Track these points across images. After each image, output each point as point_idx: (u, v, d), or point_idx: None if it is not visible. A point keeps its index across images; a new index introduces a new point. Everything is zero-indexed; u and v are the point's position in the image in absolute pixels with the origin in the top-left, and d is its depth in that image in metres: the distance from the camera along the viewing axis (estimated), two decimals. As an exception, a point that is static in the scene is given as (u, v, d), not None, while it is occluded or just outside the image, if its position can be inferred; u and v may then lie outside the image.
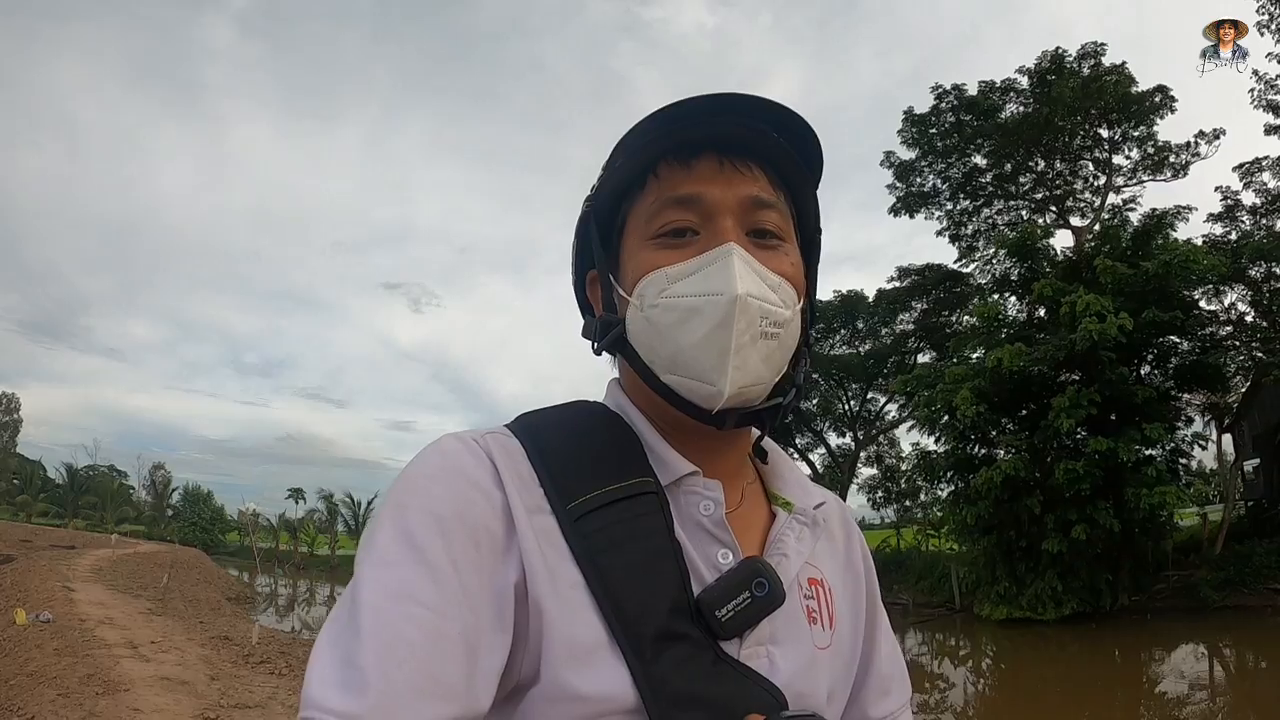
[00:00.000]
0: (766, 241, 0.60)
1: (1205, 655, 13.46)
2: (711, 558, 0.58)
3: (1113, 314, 13.00)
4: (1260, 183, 16.51)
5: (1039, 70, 16.62)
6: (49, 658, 7.39)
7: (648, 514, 0.57)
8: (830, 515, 0.71)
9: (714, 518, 0.60)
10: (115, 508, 55.10)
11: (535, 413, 0.64)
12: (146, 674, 6.99)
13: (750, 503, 0.66)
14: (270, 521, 54.22)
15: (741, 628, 0.55)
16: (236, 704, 6.19)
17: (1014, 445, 14.82)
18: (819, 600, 0.64)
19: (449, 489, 0.53)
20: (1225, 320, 16.90)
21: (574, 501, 0.55)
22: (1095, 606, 15.16)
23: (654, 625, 0.52)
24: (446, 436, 0.58)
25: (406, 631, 0.47)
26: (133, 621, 10.27)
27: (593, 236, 0.65)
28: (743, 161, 0.60)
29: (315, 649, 0.48)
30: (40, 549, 23.83)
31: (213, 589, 20.73)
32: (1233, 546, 16.08)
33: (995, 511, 14.89)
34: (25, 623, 9.21)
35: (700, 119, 0.59)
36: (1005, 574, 15.52)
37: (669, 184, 0.60)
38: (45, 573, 15.24)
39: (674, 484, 0.60)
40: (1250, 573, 15.27)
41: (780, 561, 0.61)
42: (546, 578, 0.52)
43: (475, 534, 0.52)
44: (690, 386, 0.58)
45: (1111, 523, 13.83)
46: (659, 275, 0.58)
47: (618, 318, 0.62)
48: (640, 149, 0.61)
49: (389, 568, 0.49)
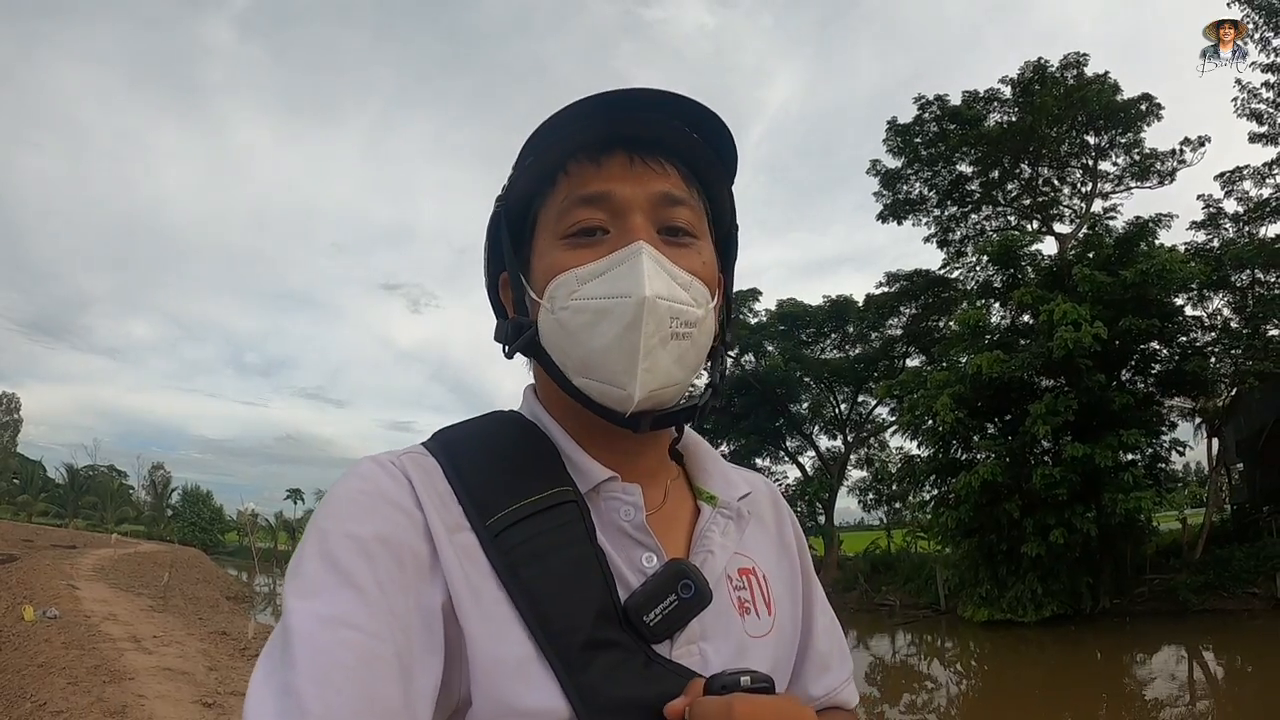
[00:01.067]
0: (678, 239, 0.60)
1: (1184, 657, 13.92)
2: (635, 562, 0.58)
3: (1088, 322, 13.49)
4: (1242, 190, 16.96)
5: (1022, 80, 17.12)
6: (57, 650, 8.02)
7: (568, 523, 0.57)
8: (758, 501, 0.72)
9: (635, 522, 0.60)
10: (115, 508, 56.03)
11: (451, 428, 0.64)
12: (149, 665, 7.63)
13: (674, 500, 0.66)
14: (269, 522, 55.12)
15: (671, 629, 0.56)
16: (232, 691, 6.80)
17: (993, 450, 15.32)
18: (751, 590, 0.64)
19: (369, 511, 0.53)
20: (1210, 326, 17.36)
21: (493, 517, 0.55)
22: (1075, 609, 15.65)
23: (582, 635, 0.53)
24: (364, 460, 0.58)
25: (340, 656, 0.47)
26: (135, 617, 10.92)
27: (503, 237, 0.64)
28: (653, 158, 0.60)
29: (251, 683, 0.48)
30: (42, 548, 24.50)
31: (212, 588, 21.42)
32: (1213, 551, 16.54)
33: (975, 515, 15.41)
34: (33, 619, 9.83)
35: (611, 115, 0.58)
36: (987, 577, 16.05)
37: (578, 182, 0.60)
38: (49, 571, 15.92)
39: (593, 491, 0.60)
40: (1229, 577, 15.73)
41: (706, 559, 0.61)
42: (470, 597, 0.53)
43: (399, 555, 0.52)
44: (602, 390, 0.57)
45: (1089, 527, 14.33)
46: (569, 276, 0.58)
47: (529, 320, 0.62)
48: (549, 147, 0.60)
49: (317, 595, 0.49)
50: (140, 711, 5.88)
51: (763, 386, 21.19)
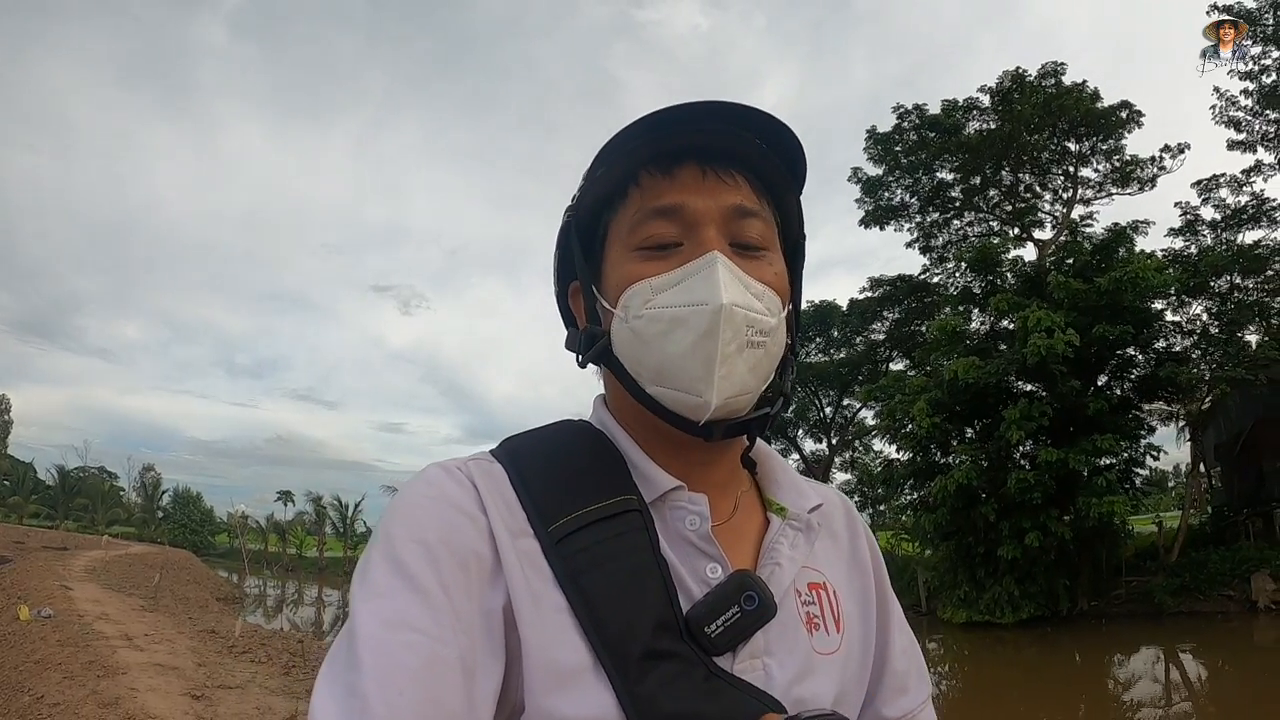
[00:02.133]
0: (750, 251, 0.61)
1: (1160, 659, 14.40)
2: (700, 572, 0.59)
3: (1061, 329, 13.99)
4: (1219, 198, 17.48)
5: (1000, 89, 17.63)
6: (52, 648, 8.52)
7: (630, 532, 0.58)
8: (832, 515, 0.72)
9: (700, 532, 0.60)
10: (106, 509, 56.44)
11: (518, 436, 0.66)
12: (141, 661, 8.13)
13: (744, 512, 0.66)
14: (259, 524, 55.58)
15: (733, 642, 0.56)
16: (220, 685, 7.32)
17: (970, 455, 15.83)
18: (821, 605, 0.64)
19: (435, 516, 0.55)
20: (1189, 331, 17.87)
21: (556, 523, 0.56)
22: (1053, 611, 16.16)
23: (640, 644, 0.53)
24: (430, 466, 0.60)
25: (405, 659, 0.48)
26: (127, 617, 11.43)
27: (574, 247, 0.65)
28: (725, 170, 0.61)
29: (317, 684, 0.49)
30: (34, 550, 24.92)
31: (202, 589, 21.92)
32: (1190, 554, 17.06)
33: (953, 518, 15.91)
34: (28, 618, 10.32)
35: (682, 127, 0.59)
36: (965, 579, 16.55)
37: (651, 194, 0.61)
38: (43, 572, 16.41)
39: (658, 500, 0.61)
40: (1205, 579, 16.22)
41: (773, 571, 0.61)
42: (530, 602, 0.54)
43: (464, 559, 0.53)
44: (677, 398, 0.58)
45: (1064, 531, 14.83)
46: (643, 286, 0.59)
47: (602, 330, 0.63)
48: (621, 158, 0.61)
49: (382, 598, 0.51)
50: (133, 703, 6.37)
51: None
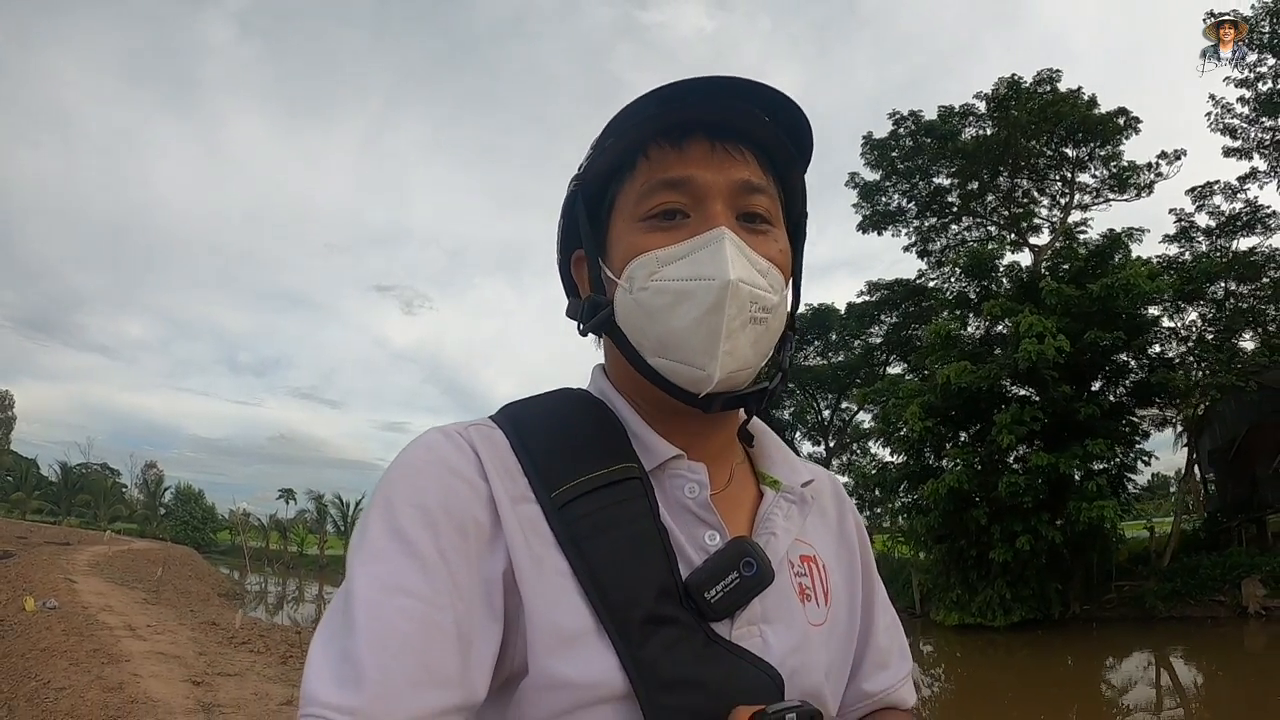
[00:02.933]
0: (756, 226, 0.62)
1: (1152, 663, 14.62)
2: (698, 539, 0.60)
3: (1052, 335, 14.23)
4: (1213, 205, 17.68)
5: (996, 95, 17.88)
6: (58, 637, 8.88)
7: (632, 499, 0.59)
8: (821, 491, 0.74)
9: (699, 500, 0.61)
10: (108, 506, 57.13)
11: (518, 403, 0.66)
12: (144, 650, 8.49)
13: (739, 483, 0.68)
14: (261, 521, 56.11)
15: (731, 608, 0.57)
16: (219, 673, 7.67)
17: (962, 459, 16.07)
18: (812, 577, 0.66)
19: (434, 481, 0.55)
20: (1184, 337, 18.07)
21: (558, 489, 0.57)
22: (1045, 614, 16.38)
23: (641, 609, 0.54)
24: (430, 430, 0.60)
25: (400, 624, 0.49)
26: (130, 609, 11.82)
27: (580, 216, 0.66)
28: (734, 145, 0.62)
29: (312, 646, 0.50)
30: (37, 545, 25.30)
31: (203, 584, 22.33)
32: (1181, 559, 17.26)
33: (945, 522, 16.16)
34: (34, 609, 10.69)
35: (692, 101, 0.60)
36: (958, 581, 16.79)
37: (659, 166, 0.61)
38: (47, 566, 16.83)
39: (658, 468, 0.62)
40: (1196, 585, 16.41)
41: (769, 540, 0.62)
42: (531, 566, 0.54)
43: (462, 524, 0.54)
44: (679, 370, 0.59)
45: (1054, 534, 15.06)
46: (649, 258, 0.60)
47: (605, 299, 0.64)
48: (630, 130, 0.62)
49: (379, 562, 0.51)
50: (136, 688, 6.72)
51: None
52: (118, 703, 6.27)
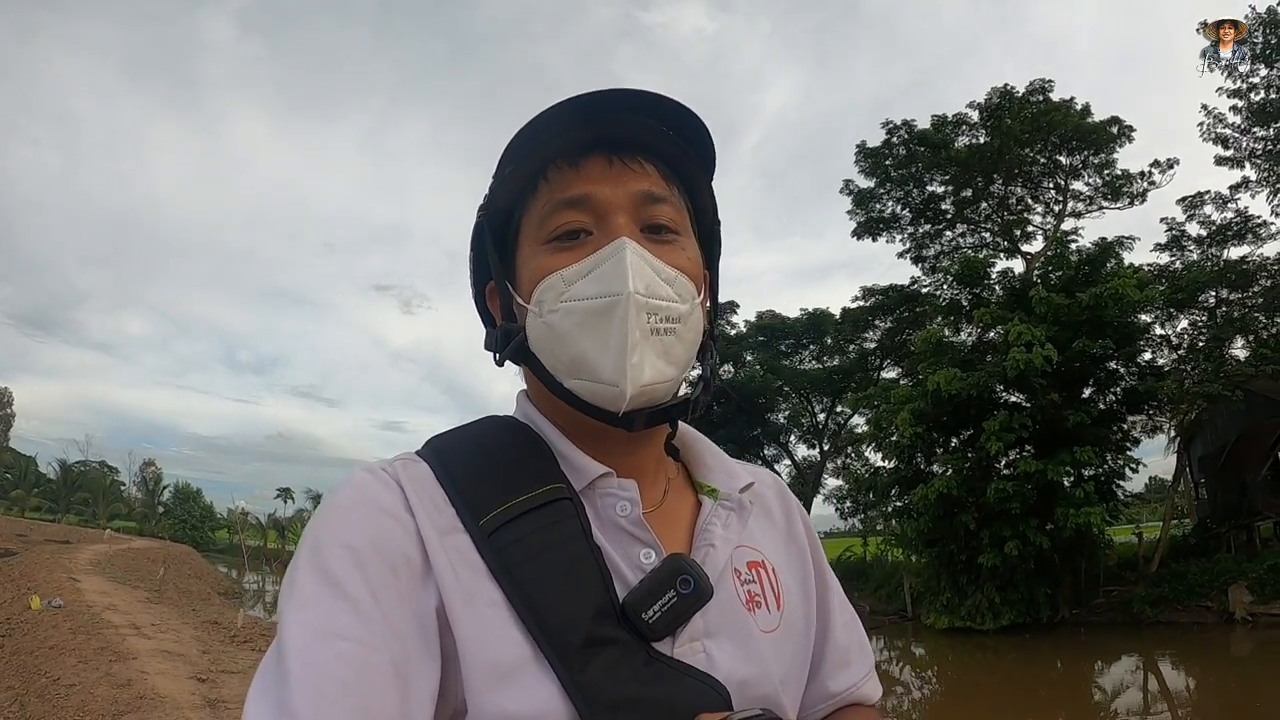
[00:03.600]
0: (661, 236, 0.62)
1: (1139, 667, 14.92)
2: (634, 558, 0.59)
3: (1040, 344, 14.55)
4: (1204, 215, 17.99)
5: (989, 105, 18.21)
6: (65, 635, 9.22)
7: (562, 520, 0.58)
8: (764, 494, 0.73)
9: (631, 517, 0.61)
10: (107, 504, 57.55)
11: (443, 435, 0.66)
12: (149, 648, 8.84)
13: (675, 496, 0.68)
14: (259, 520, 56.51)
15: (671, 626, 0.57)
16: (223, 670, 8.02)
17: (952, 464, 16.40)
18: (761, 583, 0.65)
19: (361, 520, 0.54)
20: (1176, 345, 18.37)
21: (485, 517, 0.57)
22: (1033, 618, 16.71)
23: (580, 633, 0.53)
24: (356, 470, 0.60)
25: (335, 669, 0.48)
26: (134, 608, 12.18)
27: (488, 246, 0.66)
28: (632, 158, 0.62)
29: (248, 701, 0.49)
30: (37, 543, 25.61)
31: (204, 583, 22.70)
32: (1170, 565, 17.57)
33: (935, 526, 16.49)
34: (40, 608, 11.04)
35: (585, 119, 0.60)
36: (948, 585, 17.12)
37: (559, 186, 0.62)
38: (50, 565, 17.19)
39: (588, 488, 0.61)
40: (1184, 590, 16.69)
41: (708, 552, 0.62)
42: (462, 599, 0.54)
43: (393, 562, 0.53)
44: (593, 390, 0.59)
45: (1041, 540, 15.37)
46: (555, 279, 0.60)
47: (518, 326, 0.64)
48: (528, 154, 0.62)
49: (310, 607, 0.50)
50: (143, 685, 7.06)
51: (741, 396, 22.37)
52: (127, 698, 6.59)
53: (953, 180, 19.48)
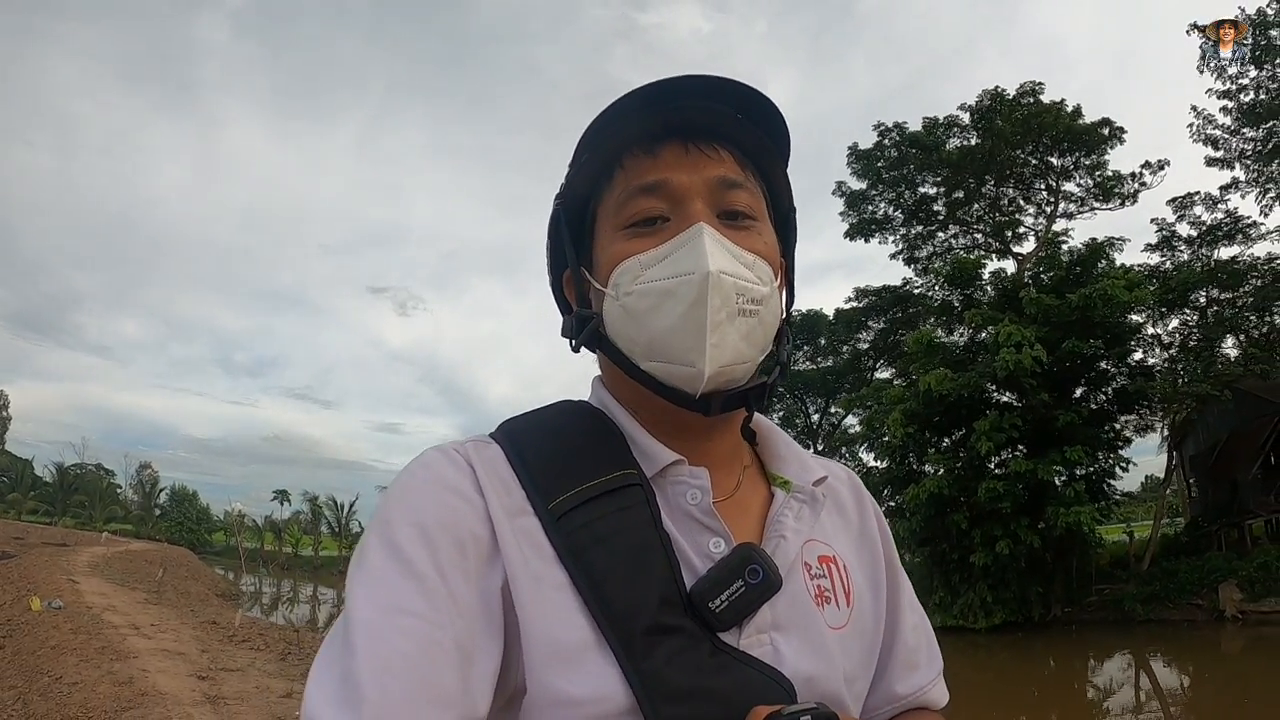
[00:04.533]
0: (738, 222, 0.63)
1: (1131, 665, 15.17)
2: (703, 547, 0.60)
3: (1029, 345, 14.82)
4: (1193, 215, 18.26)
5: (980, 107, 18.49)
6: (66, 635, 9.47)
7: (632, 507, 0.59)
8: (838, 488, 0.74)
9: (702, 506, 0.61)
10: (104, 507, 57.76)
11: (516, 418, 0.67)
12: (149, 647, 9.11)
13: (748, 487, 0.68)
14: (256, 522, 56.81)
15: (738, 616, 0.57)
16: (222, 668, 8.29)
17: (944, 464, 16.67)
18: (831, 579, 0.65)
19: (431, 499, 0.56)
20: (1168, 345, 18.64)
21: (555, 500, 0.57)
22: (1025, 617, 16.99)
23: (644, 620, 0.54)
24: (428, 450, 0.61)
25: (399, 643, 0.49)
26: (133, 609, 12.45)
27: (564, 235, 0.67)
28: (708, 144, 0.63)
29: (313, 669, 0.51)
30: (35, 546, 25.85)
31: (202, 585, 22.98)
32: (1161, 563, 17.85)
33: (926, 526, 16.77)
34: (40, 609, 11.31)
35: (660, 106, 0.61)
36: (940, 584, 17.39)
37: (635, 173, 0.63)
38: (49, 567, 17.45)
39: (659, 474, 0.62)
40: (1175, 588, 16.98)
41: (778, 544, 0.62)
42: (528, 580, 0.54)
43: (461, 541, 0.54)
44: (671, 371, 0.60)
45: (1032, 539, 15.65)
46: (632, 263, 0.61)
47: (594, 311, 0.65)
48: (604, 142, 0.63)
49: (378, 583, 0.52)
50: (145, 682, 7.32)
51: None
52: (129, 695, 6.85)
53: (944, 182, 19.75)
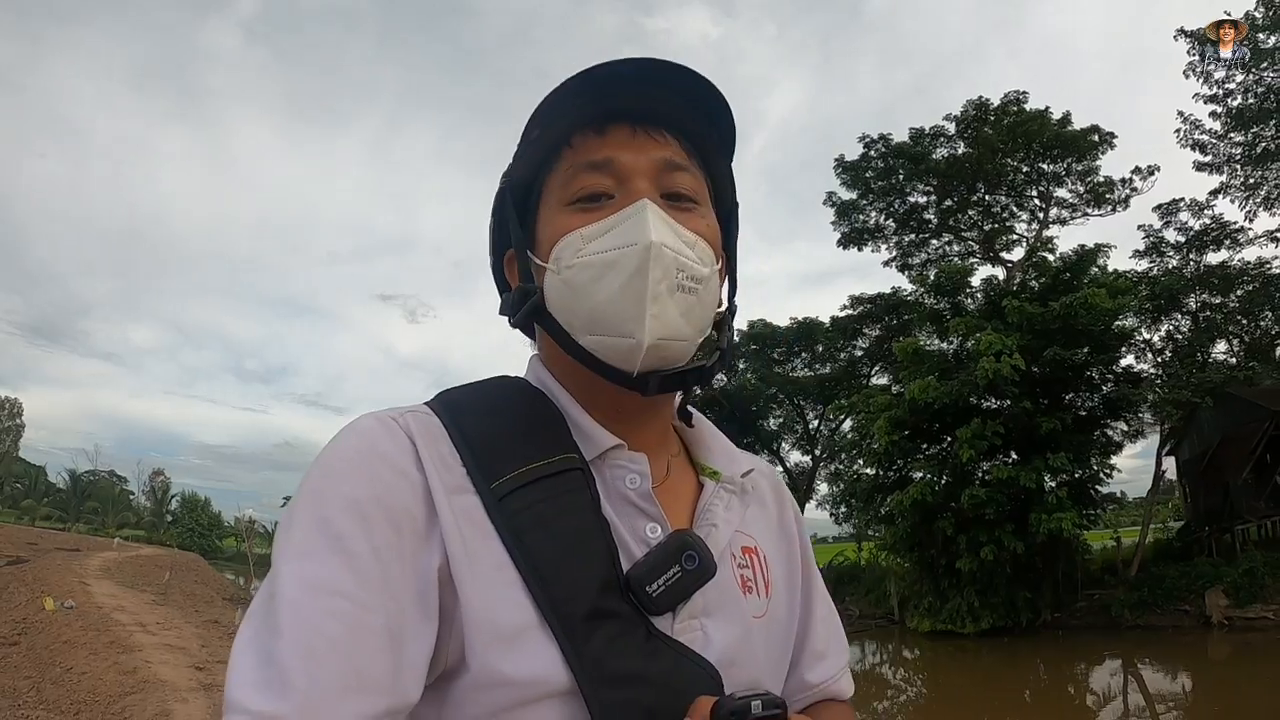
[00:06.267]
0: (681, 204, 0.65)
1: (1119, 671, 15.52)
2: (640, 532, 0.61)
3: (1009, 353, 15.27)
4: (1180, 221, 18.62)
5: (965, 118, 18.99)
6: (77, 632, 10.29)
7: (574, 490, 0.59)
8: (760, 482, 0.76)
9: (640, 491, 0.62)
10: (116, 513, 59.32)
11: (456, 389, 0.66)
12: (154, 642, 9.91)
13: (677, 474, 0.69)
14: (266, 528, 58.00)
15: (673, 602, 0.58)
16: (219, 660, 9.06)
17: (929, 471, 17.16)
18: (754, 569, 0.67)
19: (367, 472, 0.54)
20: (1159, 349, 18.97)
21: (498, 480, 0.57)
22: (1014, 622, 17.39)
23: (585, 604, 0.54)
24: (364, 416, 0.60)
25: (327, 626, 0.48)
26: (140, 609, 13.29)
27: (509, 213, 0.68)
28: (655, 129, 0.65)
29: (235, 647, 0.49)
30: (48, 551, 26.90)
31: (208, 589, 23.89)
32: (1151, 569, 18.18)
33: (913, 532, 17.24)
34: (53, 609, 12.15)
35: (610, 90, 0.62)
36: (929, 589, 17.85)
37: (582, 151, 0.64)
38: (61, 571, 18.41)
39: (599, 458, 0.63)
40: (1162, 594, 17.30)
41: (710, 532, 0.64)
42: (466, 560, 0.54)
43: (396, 519, 0.53)
44: (610, 345, 0.60)
45: (1015, 545, 16.06)
46: (574, 236, 0.61)
47: (534, 286, 0.65)
48: (553, 122, 0.64)
49: (307, 559, 0.51)
50: (147, 672, 8.11)
51: (733, 404, 23.24)
52: (132, 683, 7.64)
53: (935, 190, 20.24)
